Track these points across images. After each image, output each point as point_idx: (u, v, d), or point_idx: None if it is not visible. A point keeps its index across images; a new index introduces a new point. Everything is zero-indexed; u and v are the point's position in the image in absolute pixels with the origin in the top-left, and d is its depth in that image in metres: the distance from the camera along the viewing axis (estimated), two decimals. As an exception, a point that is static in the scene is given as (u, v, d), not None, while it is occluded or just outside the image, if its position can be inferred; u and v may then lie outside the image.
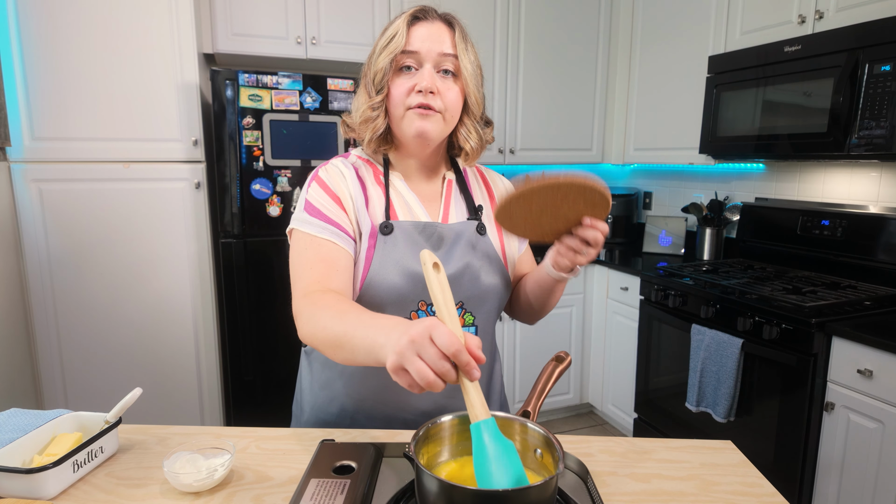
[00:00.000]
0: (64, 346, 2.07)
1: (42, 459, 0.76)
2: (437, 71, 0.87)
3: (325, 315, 0.75)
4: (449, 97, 0.88)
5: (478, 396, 0.61)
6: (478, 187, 1.04)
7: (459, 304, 0.92)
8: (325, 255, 0.85)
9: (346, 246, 0.87)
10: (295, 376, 2.28)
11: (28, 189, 1.95)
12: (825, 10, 1.90)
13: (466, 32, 0.91)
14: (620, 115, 2.99)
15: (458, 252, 0.92)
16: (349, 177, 0.92)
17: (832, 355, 1.63)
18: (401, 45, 0.86)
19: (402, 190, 0.94)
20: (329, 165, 0.94)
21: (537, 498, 0.57)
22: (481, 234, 0.95)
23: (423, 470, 0.58)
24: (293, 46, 2.38)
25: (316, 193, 0.90)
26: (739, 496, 0.76)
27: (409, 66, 0.88)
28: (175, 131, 2.09)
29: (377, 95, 0.89)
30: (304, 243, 0.87)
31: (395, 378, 0.59)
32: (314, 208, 0.88)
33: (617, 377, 2.65)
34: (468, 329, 0.93)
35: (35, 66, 1.90)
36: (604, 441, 0.90)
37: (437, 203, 0.97)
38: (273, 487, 0.75)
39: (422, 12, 0.89)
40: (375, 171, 0.95)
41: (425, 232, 0.91)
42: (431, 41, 0.87)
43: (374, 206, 0.91)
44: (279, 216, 2.18)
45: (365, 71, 0.93)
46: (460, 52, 0.88)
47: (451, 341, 0.56)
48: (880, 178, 2.03)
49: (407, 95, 0.87)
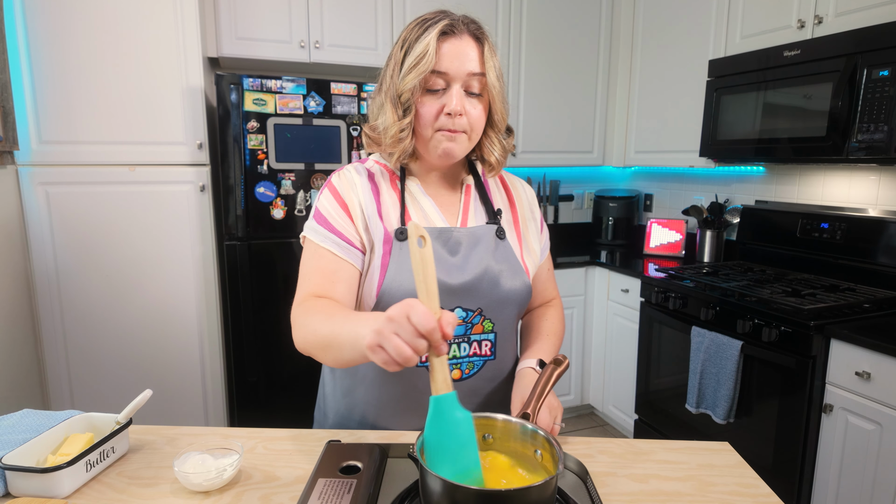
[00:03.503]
0: (70, 346, 2.09)
1: (56, 459, 0.78)
2: (465, 90, 0.86)
3: (315, 319, 0.79)
4: (474, 116, 0.87)
5: (442, 372, 0.64)
6: (497, 192, 1.02)
7: (478, 311, 0.91)
8: (325, 265, 0.87)
9: (348, 257, 0.88)
10: (298, 378, 2.31)
11: (35, 192, 1.98)
12: (824, 15, 1.92)
13: (493, 45, 0.89)
14: (621, 118, 3.00)
15: (476, 257, 0.91)
16: (361, 184, 0.92)
17: (831, 357, 1.65)
18: (430, 65, 0.83)
19: (419, 195, 0.94)
20: (343, 172, 0.94)
21: (537, 498, 0.59)
22: (501, 238, 0.94)
23: (427, 470, 0.60)
24: (297, 50, 2.40)
25: (326, 202, 0.91)
26: (736, 496, 0.77)
27: (437, 88, 0.86)
28: (180, 135, 2.11)
29: (405, 116, 0.87)
30: (310, 251, 0.90)
31: (372, 356, 0.63)
32: (322, 217, 0.90)
33: (617, 378, 2.67)
34: (488, 336, 0.93)
35: (42, 71, 1.93)
36: (603, 442, 0.92)
37: (455, 208, 0.96)
38: (280, 487, 0.77)
39: (450, 27, 0.85)
40: (392, 177, 0.95)
41: (441, 237, 0.90)
42: (460, 60, 0.85)
43: (389, 213, 0.91)
44: (283, 219, 2.20)
45: (388, 84, 0.89)
46: (488, 68, 0.87)
47: (427, 320, 0.59)
48: (879, 182, 2.04)
49: (436, 118, 0.86)
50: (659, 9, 2.70)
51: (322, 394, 1.06)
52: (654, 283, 2.30)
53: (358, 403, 0.96)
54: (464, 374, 0.93)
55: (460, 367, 0.92)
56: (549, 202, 3.23)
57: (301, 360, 2.33)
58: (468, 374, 0.93)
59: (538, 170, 3.15)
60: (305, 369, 2.35)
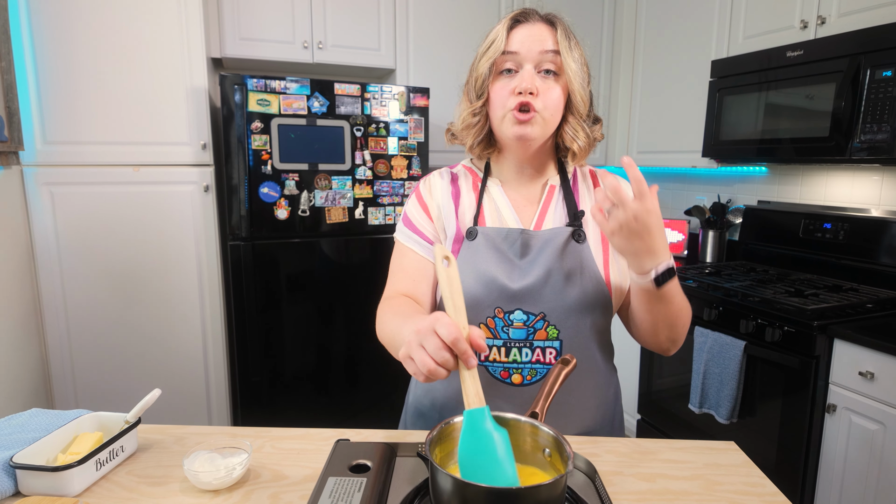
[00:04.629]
0: (74, 346, 2.09)
1: (66, 458, 0.78)
2: (539, 71, 0.85)
3: (387, 317, 0.85)
4: (550, 97, 0.85)
5: (473, 385, 0.63)
6: (586, 192, 0.97)
7: (541, 316, 0.88)
8: (408, 264, 0.93)
9: (428, 255, 0.93)
10: (302, 378, 2.32)
11: (40, 192, 1.98)
12: (827, 15, 1.92)
13: (571, 30, 0.88)
14: (624, 118, 3.01)
15: (542, 260, 0.88)
16: (442, 186, 0.96)
17: (834, 357, 1.65)
18: (500, 49, 0.84)
19: (497, 196, 0.94)
20: (428, 177, 1.00)
21: (547, 496, 0.59)
22: (578, 241, 0.90)
23: (437, 468, 0.60)
24: (300, 51, 2.40)
25: (412, 205, 0.97)
26: (742, 496, 0.78)
27: (510, 69, 0.85)
28: (184, 135, 2.12)
29: (478, 100, 0.88)
30: (398, 251, 0.96)
31: (406, 366, 0.65)
32: (408, 219, 0.96)
33: (620, 378, 2.66)
34: (552, 343, 0.89)
35: (47, 72, 1.93)
36: (609, 441, 0.92)
37: (533, 208, 0.94)
38: (289, 486, 0.78)
39: (523, 15, 0.87)
40: (475, 179, 0.97)
41: (509, 238, 0.89)
42: (531, 41, 0.84)
43: (465, 212, 0.94)
44: (287, 219, 2.21)
45: (467, 78, 0.92)
46: (563, 49, 0.85)
47: (451, 331, 0.60)
48: (882, 182, 2.04)
49: (507, 98, 0.85)
50: (661, 9, 2.70)
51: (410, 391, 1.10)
52: (656, 284, 2.30)
53: (432, 389, 0.99)
54: (525, 379, 0.90)
55: (521, 373, 0.90)
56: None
57: (304, 360, 2.34)
58: (530, 381, 0.90)
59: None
60: (308, 369, 2.35)
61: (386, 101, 2.28)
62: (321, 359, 2.37)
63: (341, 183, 2.26)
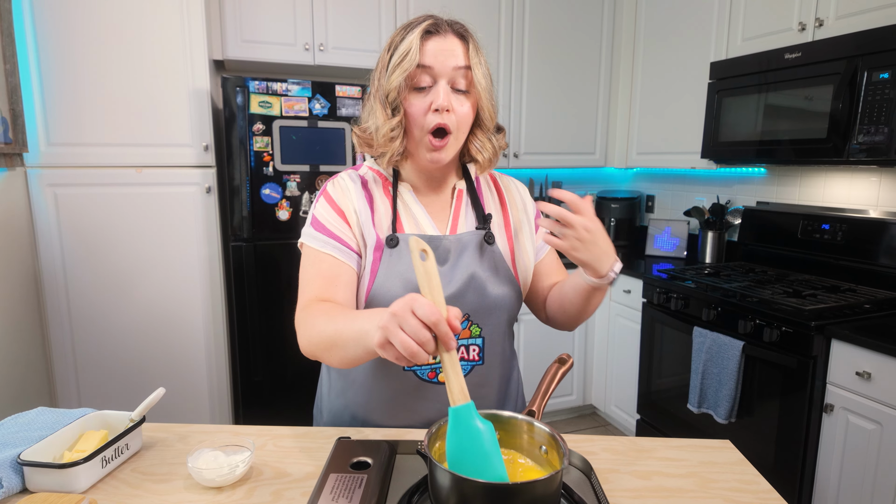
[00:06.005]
0: (77, 346, 2.11)
1: (72, 456, 0.79)
2: (452, 87, 0.87)
3: (318, 321, 0.80)
4: (461, 113, 0.87)
5: (457, 381, 0.64)
6: (490, 195, 1.02)
7: (466, 317, 0.91)
8: (327, 270, 0.89)
9: (348, 260, 0.90)
10: (302, 377, 2.33)
11: (43, 193, 2.00)
12: (825, 17, 1.93)
13: (479, 45, 0.90)
14: (623, 119, 3.02)
15: (463, 264, 0.91)
16: (355, 191, 0.94)
17: (831, 358, 1.66)
18: (415, 62, 0.84)
19: (411, 202, 0.95)
20: (337, 179, 0.96)
21: (543, 492, 0.60)
22: (489, 243, 0.94)
23: (436, 464, 0.61)
24: (301, 53, 2.42)
25: (322, 209, 0.93)
26: (737, 493, 0.79)
27: (424, 85, 0.86)
28: (186, 137, 2.13)
29: (394, 116, 0.88)
30: (310, 258, 0.91)
31: (383, 353, 0.63)
32: (319, 223, 0.91)
33: (620, 379, 2.68)
34: (475, 341, 0.93)
35: (51, 74, 1.95)
36: (606, 440, 0.93)
37: (445, 214, 0.97)
38: (291, 483, 0.79)
39: (434, 26, 0.86)
40: (385, 184, 0.96)
41: (430, 245, 0.90)
42: (445, 55, 0.85)
43: (381, 219, 0.93)
44: (288, 220, 2.22)
45: (376, 86, 0.90)
46: (474, 65, 0.87)
47: (431, 311, 0.60)
48: (880, 183, 2.05)
49: (424, 115, 0.86)
50: (661, 11, 2.72)
51: (319, 393, 1.09)
52: (656, 284, 2.32)
53: (350, 404, 0.98)
54: None
55: None
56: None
57: (305, 360, 2.35)
58: None
59: (540, 171, 3.17)
60: (309, 369, 2.37)
61: (387, 102, 2.30)
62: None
63: (342, 184, 2.28)
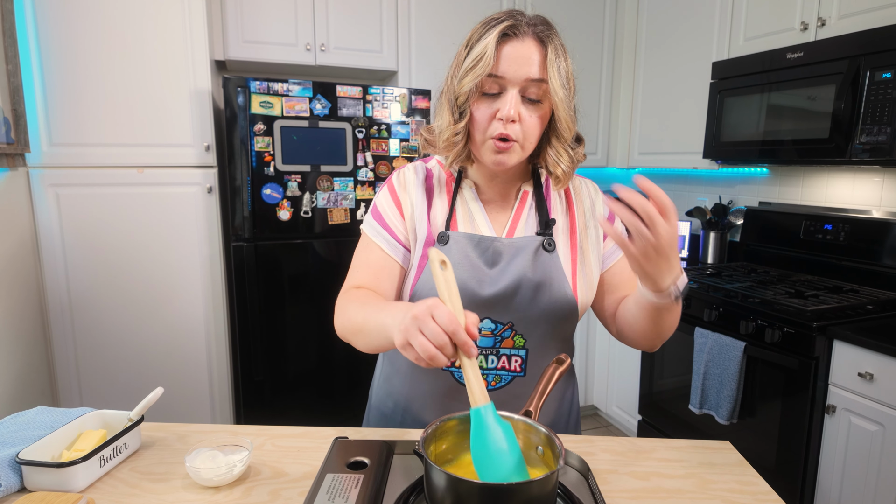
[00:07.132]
0: (79, 346, 2.12)
1: (70, 455, 0.80)
2: (522, 96, 0.82)
3: (351, 307, 0.84)
4: (529, 124, 0.83)
5: (478, 383, 0.65)
6: (557, 198, 0.97)
7: (509, 325, 0.89)
8: (374, 259, 0.92)
9: (395, 254, 0.92)
10: (304, 377, 2.34)
11: (46, 193, 2.01)
12: (827, 17, 1.93)
13: (560, 47, 0.83)
14: (625, 119, 3.01)
15: (512, 269, 0.87)
16: (415, 183, 0.94)
17: (833, 359, 1.65)
18: (488, 69, 0.80)
19: (470, 201, 0.93)
20: (402, 170, 0.96)
21: (539, 492, 0.60)
22: (548, 250, 0.90)
23: (431, 465, 0.61)
24: (302, 53, 2.42)
25: (383, 198, 0.95)
26: (735, 494, 0.78)
27: (494, 92, 0.82)
28: (188, 137, 2.14)
29: (460, 119, 0.85)
30: (363, 244, 0.94)
31: (404, 353, 0.65)
32: (377, 212, 0.94)
33: (621, 380, 2.68)
34: (518, 352, 0.90)
35: (53, 74, 1.96)
36: (605, 440, 0.93)
37: (506, 216, 0.94)
38: (289, 482, 0.79)
39: (513, 29, 0.81)
40: (449, 179, 0.95)
41: (480, 245, 0.89)
42: (519, 64, 0.80)
43: (437, 215, 0.92)
44: (289, 220, 2.23)
45: (448, 84, 0.87)
46: (551, 74, 0.81)
47: (450, 320, 0.61)
48: (882, 184, 2.04)
49: (489, 123, 0.83)
50: (662, 11, 2.71)
51: (375, 375, 1.11)
52: (657, 285, 2.30)
53: (393, 391, 1.00)
54: (489, 385, 0.91)
55: (486, 378, 0.91)
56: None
57: (306, 360, 2.36)
58: (494, 387, 0.91)
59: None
60: (310, 369, 2.37)
61: (388, 103, 2.30)
62: (323, 359, 2.38)
63: (343, 184, 2.28)
